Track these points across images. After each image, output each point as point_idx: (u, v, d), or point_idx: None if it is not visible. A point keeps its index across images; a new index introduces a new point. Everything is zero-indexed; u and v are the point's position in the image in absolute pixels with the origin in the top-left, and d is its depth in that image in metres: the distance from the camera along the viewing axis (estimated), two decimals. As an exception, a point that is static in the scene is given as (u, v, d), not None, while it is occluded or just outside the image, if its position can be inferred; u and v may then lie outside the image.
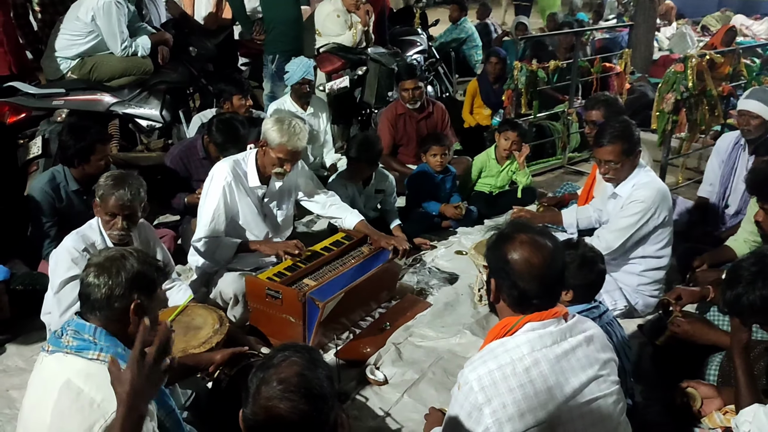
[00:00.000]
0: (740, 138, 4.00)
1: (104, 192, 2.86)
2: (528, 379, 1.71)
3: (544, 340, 1.76)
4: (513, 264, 1.79)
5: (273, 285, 3.12)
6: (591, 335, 1.86)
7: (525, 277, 1.78)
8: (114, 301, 1.86)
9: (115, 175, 2.92)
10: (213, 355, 2.54)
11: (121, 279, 1.86)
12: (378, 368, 3.08)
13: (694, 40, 11.09)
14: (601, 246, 3.29)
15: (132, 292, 1.87)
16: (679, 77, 4.66)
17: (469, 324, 3.42)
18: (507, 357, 1.73)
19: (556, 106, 6.38)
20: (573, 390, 1.75)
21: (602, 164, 3.33)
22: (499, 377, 1.71)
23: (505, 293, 1.83)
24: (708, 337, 2.70)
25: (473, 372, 1.74)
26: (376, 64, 5.81)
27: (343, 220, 3.70)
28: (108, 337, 1.85)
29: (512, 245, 1.81)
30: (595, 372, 1.80)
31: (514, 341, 1.76)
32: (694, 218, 4.22)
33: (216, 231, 3.35)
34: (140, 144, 4.89)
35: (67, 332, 1.84)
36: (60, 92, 4.41)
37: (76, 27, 4.62)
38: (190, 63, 5.28)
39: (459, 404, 1.76)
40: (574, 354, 1.79)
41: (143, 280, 1.90)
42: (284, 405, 1.41)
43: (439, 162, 4.63)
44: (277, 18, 5.72)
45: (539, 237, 1.83)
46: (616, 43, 9.08)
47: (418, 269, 4.01)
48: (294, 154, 3.37)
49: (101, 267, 1.89)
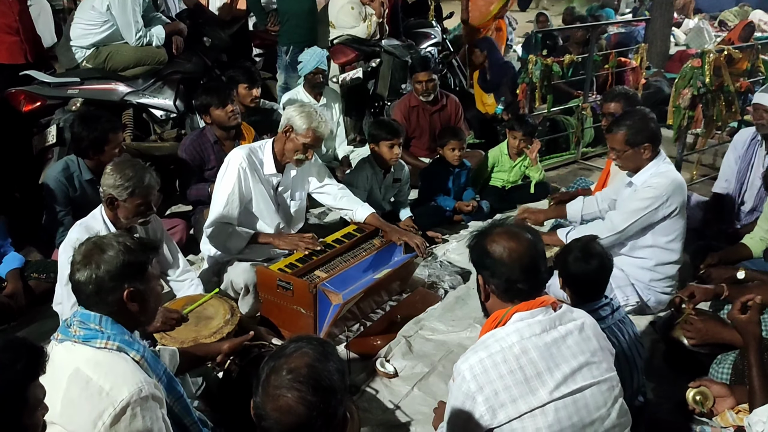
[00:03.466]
0: (757, 134, 3.95)
1: (136, 188, 2.79)
2: (518, 366, 1.75)
3: (532, 328, 1.81)
4: (492, 253, 1.88)
5: (284, 276, 3.12)
6: (582, 324, 1.90)
7: (506, 262, 1.86)
8: (105, 295, 1.86)
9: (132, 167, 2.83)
10: (221, 344, 2.55)
11: (104, 273, 1.84)
12: (388, 361, 3.08)
13: (712, 35, 10.97)
14: (607, 227, 3.30)
15: (121, 282, 1.86)
16: (696, 72, 4.62)
17: (480, 318, 3.40)
18: (497, 345, 1.78)
19: (571, 100, 6.34)
20: (563, 376, 1.78)
21: (611, 151, 3.37)
22: (490, 365, 1.75)
23: (492, 284, 1.91)
24: (721, 335, 2.68)
25: (465, 362, 1.79)
26: (390, 56, 5.80)
27: (354, 213, 3.69)
28: (114, 325, 1.86)
29: (489, 238, 1.92)
30: (586, 359, 1.84)
31: (503, 331, 1.82)
32: (708, 215, 4.17)
33: (229, 216, 3.36)
34: (153, 134, 4.89)
35: (74, 323, 1.85)
36: (75, 81, 4.43)
37: (91, 16, 4.63)
38: (204, 53, 5.28)
39: (454, 396, 1.81)
40: (564, 342, 1.83)
41: (128, 267, 1.87)
42: (292, 395, 1.43)
43: (457, 156, 4.62)
44: (292, 9, 5.72)
45: (514, 228, 1.95)
46: (631, 37, 8.99)
47: (429, 263, 4.00)
48: (319, 140, 3.42)
49: (82, 263, 1.87)
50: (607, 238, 3.25)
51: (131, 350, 1.86)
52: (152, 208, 2.91)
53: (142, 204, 2.85)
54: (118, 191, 2.80)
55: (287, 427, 1.43)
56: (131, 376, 1.79)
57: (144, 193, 2.83)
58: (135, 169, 2.82)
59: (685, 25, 11.59)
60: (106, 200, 2.85)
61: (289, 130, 3.37)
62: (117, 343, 1.83)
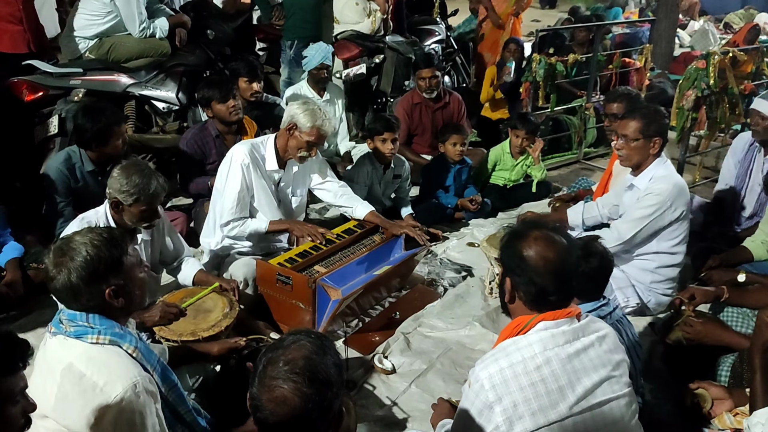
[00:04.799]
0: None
1: (142, 195, 2.74)
2: (539, 378, 1.70)
3: (556, 339, 1.75)
4: (528, 260, 1.79)
5: (284, 270, 3.12)
6: (603, 335, 1.85)
7: (541, 272, 1.77)
8: (84, 299, 1.82)
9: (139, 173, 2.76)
10: (211, 346, 2.56)
11: (78, 280, 1.79)
12: (386, 357, 3.07)
13: (717, 38, 10.94)
14: (613, 236, 3.26)
15: (98, 284, 1.81)
16: (700, 74, 4.61)
17: (479, 316, 3.41)
18: (518, 355, 1.73)
19: (574, 100, 6.32)
20: (585, 390, 1.74)
21: (619, 138, 3.29)
22: (510, 375, 1.70)
23: (522, 291, 1.82)
24: (720, 337, 2.68)
25: (484, 370, 1.73)
26: (394, 53, 5.79)
27: (353, 210, 3.68)
28: (102, 319, 1.84)
29: (527, 242, 1.81)
30: (607, 372, 1.79)
31: (526, 340, 1.76)
32: (709, 218, 4.16)
33: (243, 213, 3.39)
34: (156, 126, 4.88)
35: (63, 320, 1.84)
36: (78, 72, 4.41)
37: (94, 7, 4.61)
38: (207, 46, 5.26)
39: (470, 402, 1.76)
40: (586, 354, 1.78)
41: (102, 267, 1.81)
42: (287, 386, 1.43)
43: (459, 152, 4.61)
44: (297, 3, 5.69)
45: (552, 233, 1.84)
46: (636, 38, 8.97)
47: (429, 260, 3.99)
48: (323, 138, 3.43)
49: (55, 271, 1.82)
50: (614, 247, 3.23)
51: (124, 342, 1.84)
52: (157, 214, 2.88)
53: (147, 211, 2.81)
54: (124, 196, 2.76)
55: (282, 418, 1.43)
56: (125, 371, 1.78)
57: (149, 200, 2.78)
58: (142, 175, 2.77)
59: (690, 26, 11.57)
60: (111, 203, 2.82)
61: (293, 128, 3.36)
62: (108, 336, 1.82)
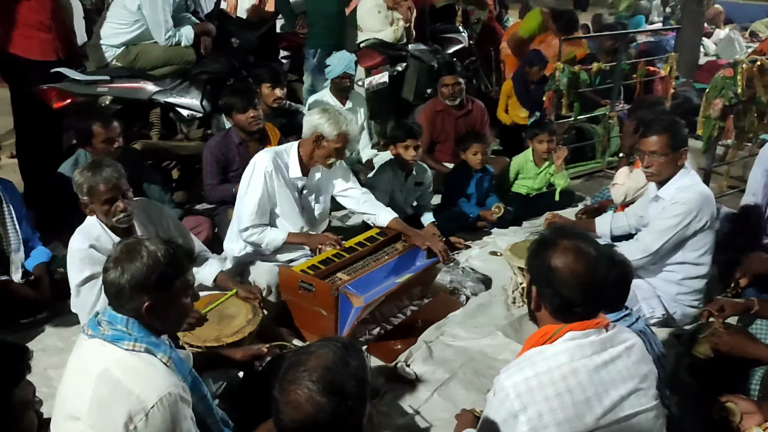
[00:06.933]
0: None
1: (89, 185, 2.71)
2: (565, 388, 1.68)
3: (584, 349, 1.73)
4: (556, 271, 1.76)
5: (306, 277, 3.12)
6: (631, 345, 1.82)
7: (569, 284, 1.74)
8: (124, 302, 1.84)
9: (87, 166, 2.79)
10: (234, 352, 2.56)
11: (126, 281, 1.82)
12: (408, 365, 3.06)
13: (743, 46, 10.79)
14: (639, 248, 3.23)
15: (141, 293, 1.83)
16: (728, 83, 4.55)
17: (502, 325, 3.38)
18: (544, 365, 1.71)
19: (597, 109, 6.28)
20: (612, 403, 1.71)
21: (647, 157, 3.22)
22: (536, 385, 1.68)
23: (547, 301, 1.80)
24: (749, 350, 2.63)
25: (509, 379, 1.72)
26: (416, 61, 5.80)
27: (376, 217, 3.68)
28: (140, 327, 1.85)
29: (555, 252, 1.78)
30: (635, 385, 1.77)
31: (553, 349, 1.73)
32: (736, 228, 4.09)
33: (262, 220, 3.40)
34: (180, 133, 4.93)
35: (103, 321, 1.86)
36: (105, 79, 4.47)
37: (122, 16, 4.68)
38: (231, 54, 5.30)
39: (494, 410, 1.74)
40: (613, 365, 1.75)
41: (151, 280, 1.83)
42: (302, 392, 1.43)
43: (480, 160, 4.60)
44: (320, 12, 5.73)
45: (582, 243, 1.80)
46: (660, 46, 8.88)
47: (451, 268, 3.97)
48: (350, 141, 3.45)
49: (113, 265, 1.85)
50: (641, 260, 3.20)
51: (158, 351, 1.86)
52: (121, 207, 2.74)
53: (108, 199, 2.71)
54: (82, 196, 2.76)
55: (296, 423, 1.44)
56: (161, 380, 1.80)
57: (99, 191, 2.70)
58: (93, 167, 2.74)
59: (715, 35, 11.42)
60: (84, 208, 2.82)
61: (319, 138, 3.37)
62: (144, 345, 1.84)
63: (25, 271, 3.43)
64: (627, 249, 3.28)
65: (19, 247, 3.42)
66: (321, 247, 3.41)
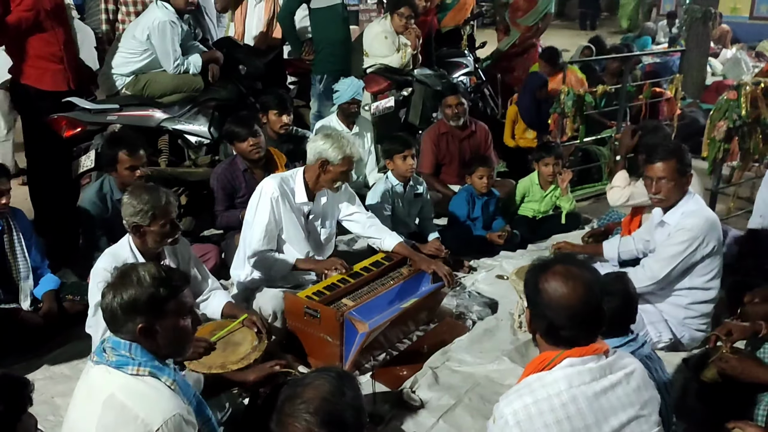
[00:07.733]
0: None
1: (155, 208, 2.82)
2: (565, 416, 1.68)
3: (582, 376, 1.73)
4: (542, 293, 1.80)
5: (312, 303, 3.13)
6: (631, 371, 1.82)
7: (552, 306, 1.77)
8: (118, 325, 1.87)
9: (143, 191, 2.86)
10: (247, 374, 2.57)
11: (118, 304, 1.84)
12: (414, 391, 3.05)
13: (750, 66, 10.79)
14: (647, 275, 3.21)
15: (133, 316, 1.85)
16: (731, 105, 4.55)
17: (508, 351, 3.36)
18: (544, 392, 1.71)
19: (604, 130, 6.29)
20: (612, 430, 1.72)
21: (654, 183, 3.21)
22: (535, 412, 1.68)
23: (535, 323, 1.83)
24: (757, 374, 2.60)
25: (509, 406, 1.72)
26: (422, 86, 5.84)
27: (382, 241, 3.70)
28: (144, 352, 1.87)
29: (546, 275, 1.82)
30: (635, 412, 1.76)
31: (551, 376, 1.74)
32: (744, 250, 4.08)
33: (270, 246, 3.43)
34: (188, 159, 4.99)
35: (107, 348, 1.88)
36: (114, 108, 4.55)
37: (132, 45, 4.77)
38: (239, 81, 5.38)
39: None
40: (613, 392, 1.75)
41: (142, 302, 1.85)
42: (300, 424, 1.45)
43: (485, 184, 4.61)
44: (327, 38, 5.79)
45: (575, 268, 1.81)
46: (666, 67, 8.91)
47: (457, 293, 3.97)
48: (355, 163, 3.50)
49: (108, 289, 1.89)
50: (648, 287, 3.20)
51: (162, 375, 1.88)
52: (177, 226, 2.93)
53: (167, 223, 2.87)
54: (140, 217, 2.83)
55: None
56: (166, 404, 1.81)
57: (164, 212, 2.85)
58: (149, 191, 2.86)
59: (722, 55, 11.43)
60: (131, 229, 2.88)
61: (324, 164, 3.40)
62: (148, 369, 1.85)
63: (34, 298, 3.47)
64: (634, 276, 3.25)
65: (29, 275, 3.46)
66: (327, 272, 3.43)
